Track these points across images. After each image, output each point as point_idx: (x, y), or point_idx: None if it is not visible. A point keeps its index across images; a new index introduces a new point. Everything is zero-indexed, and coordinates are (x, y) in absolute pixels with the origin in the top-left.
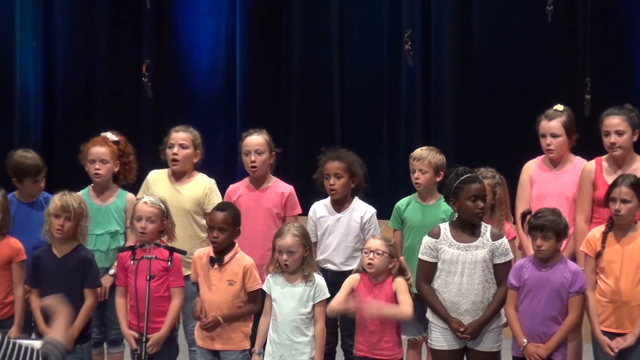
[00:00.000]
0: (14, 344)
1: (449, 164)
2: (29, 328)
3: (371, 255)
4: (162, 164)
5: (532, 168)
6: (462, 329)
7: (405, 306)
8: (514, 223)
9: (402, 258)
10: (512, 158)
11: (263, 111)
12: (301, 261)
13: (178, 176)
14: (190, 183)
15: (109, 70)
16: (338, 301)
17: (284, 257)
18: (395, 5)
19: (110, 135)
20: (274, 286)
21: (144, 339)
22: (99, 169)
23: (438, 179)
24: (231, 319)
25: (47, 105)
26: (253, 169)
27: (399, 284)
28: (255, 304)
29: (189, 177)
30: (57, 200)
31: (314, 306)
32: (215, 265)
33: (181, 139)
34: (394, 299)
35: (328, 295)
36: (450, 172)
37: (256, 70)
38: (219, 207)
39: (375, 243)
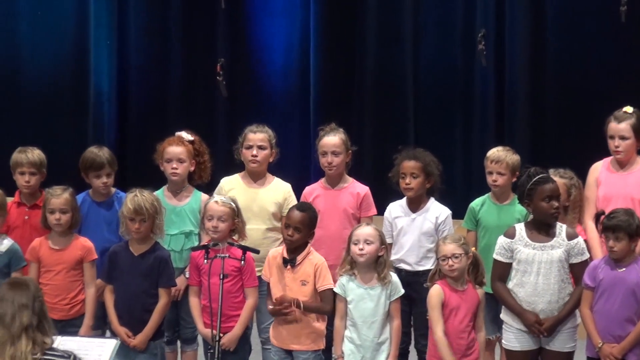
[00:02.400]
0: None
1: (523, 164)
2: (102, 325)
3: (450, 262)
4: (236, 163)
5: (598, 169)
6: (538, 324)
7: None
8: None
9: (473, 249)
10: (585, 158)
11: (337, 111)
12: (376, 260)
13: (255, 178)
14: (269, 186)
15: (183, 69)
16: (440, 326)
17: (361, 245)
18: (469, 5)
19: (186, 135)
20: (350, 289)
21: (217, 338)
22: (176, 168)
23: (514, 179)
24: (307, 309)
25: (120, 104)
26: (329, 169)
27: (483, 299)
28: (326, 304)
29: (265, 179)
30: (129, 203)
31: (390, 304)
32: (289, 266)
33: (259, 140)
34: (477, 308)
35: (402, 292)
36: (523, 173)
37: (330, 70)
38: (299, 207)
39: (449, 248)
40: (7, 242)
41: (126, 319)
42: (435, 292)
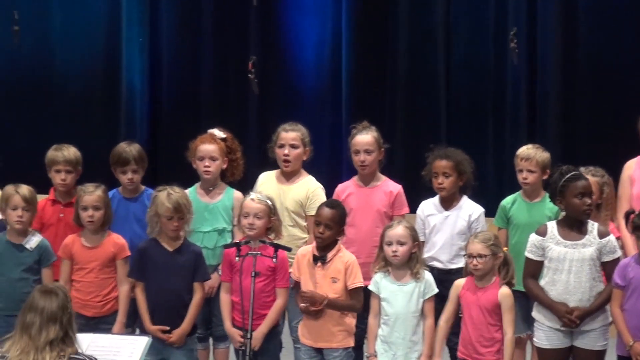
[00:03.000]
0: None
1: (554, 162)
2: (131, 323)
3: (474, 261)
4: (269, 161)
5: (632, 167)
6: (568, 313)
7: (507, 326)
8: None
9: (505, 249)
10: (617, 157)
11: (368, 108)
12: (409, 257)
13: (288, 176)
14: (297, 184)
15: (214, 66)
16: (446, 317)
17: (394, 247)
18: (500, 3)
19: (218, 132)
20: (383, 286)
21: (248, 336)
22: (208, 166)
23: (544, 177)
24: (334, 306)
25: (152, 101)
26: (362, 168)
27: (506, 299)
28: (356, 302)
29: (297, 178)
30: (166, 202)
31: (423, 302)
32: (319, 263)
33: (291, 139)
34: (496, 307)
35: (437, 290)
36: (554, 171)
37: (362, 67)
38: (329, 204)
39: (476, 247)
40: (36, 239)
41: (162, 315)
42: (455, 285)
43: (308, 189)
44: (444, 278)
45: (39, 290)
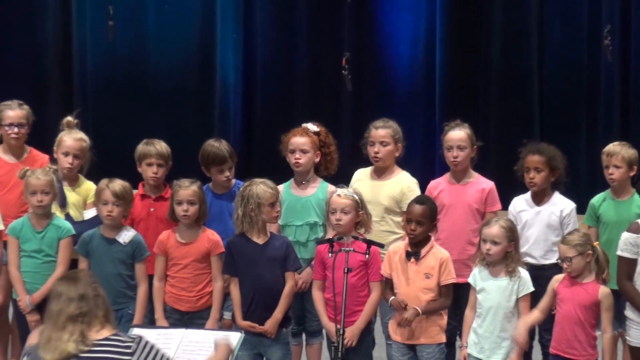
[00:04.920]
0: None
1: None
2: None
3: (565, 264)
4: (362, 158)
5: None
6: None
7: (607, 325)
8: None
9: (596, 244)
10: None
11: (462, 105)
12: (504, 255)
13: (380, 172)
14: (391, 180)
15: (308, 63)
16: (541, 307)
17: (487, 246)
18: (594, 0)
19: (311, 126)
20: (479, 279)
21: (341, 332)
22: (299, 159)
23: (632, 174)
24: (428, 311)
25: (246, 97)
26: (455, 164)
27: (606, 298)
28: (446, 298)
29: (390, 174)
30: (268, 189)
31: (517, 300)
32: (412, 259)
33: (381, 137)
34: (593, 304)
35: (532, 289)
36: None
37: (455, 64)
38: (418, 201)
39: (562, 250)
40: (130, 234)
41: (259, 309)
42: (553, 279)
43: (403, 185)
44: (538, 274)
45: (59, 279)
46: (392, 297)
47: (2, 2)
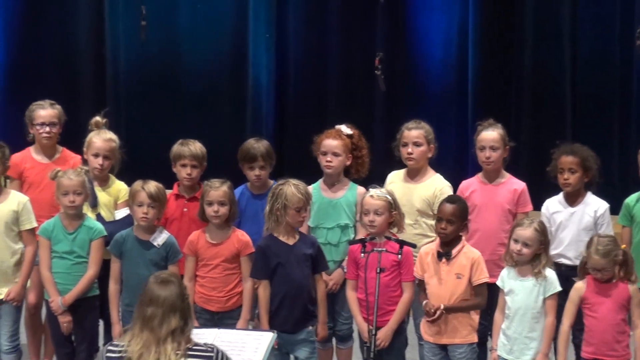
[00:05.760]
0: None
1: None
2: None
3: (599, 274)
4: (395, 159)
5: None
6: None
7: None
8: None
9: (624, 246)
10: None
11: (494, 106)
12: (533, 257)
13: (414, 174)
14: (424, 183)
15: (341, 62)
16: (570, 322)
17: (519, 247)
18: (627, 0)
19: (345, 129)
20: (507, 279)
21: (373, 332)
22: (330, 161)
23: None
24: (455, 310)
25: (279, 97)
26: (487, 164)
27: (637, 294)
28: (481, 298)
29: (423, 176)
30: (297, 193)
31: (544, 300)
32: (444, 259)
33: (414, 137)
34: (626, 302)
35: (559, 289)
36: None
37: (488, 65)
38: (449, 200)
39: (600, 263)
40: (164, 235)
41: (287, 309)
42: (577, 287)
43: (436, 188)
44: (572, 275)
45: (155, 281)
46: (426, 301)
47: (35, 2)
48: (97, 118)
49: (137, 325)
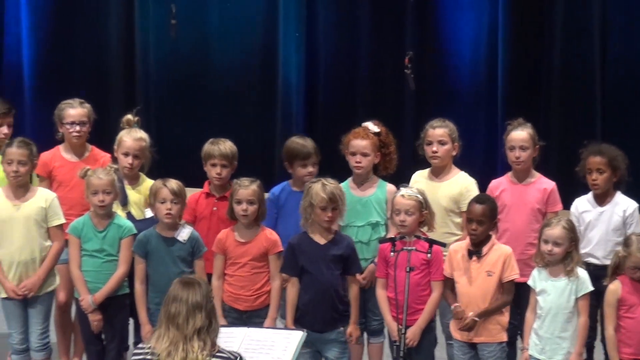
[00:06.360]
0: None
1: None
2: None
3: (638, 273)
4: (423, 157)
5: None
6: None
7: None
8: None
9: None
10: None
11: (524, 105)
12: (564, 255)
13: (439, 173)
14: (449, 181)
15: (371, 61)
16: (613, 325)
17: (549, 247)
18: None
19: (372, 127)
20: (539, 280)
21: (403, 331)
22: (359, 162)
23: None
24: (486, 314)
25: (309, 96)
26: (517, 164)
27: None
28: (508, 294)
29: (447, 174)
30: (321, 192)
31: (576, 300)
32: (474, 257)
33: (439, 136)
34: None
35: (591, 288)
36: None
37: (517, 64)
38: (478, 200)
39: (638, 261)
40: (187, 230)
41: (313, 309)
42: (612, 289)
43: (462, 185)
44: (600, 274)
45: (179, 282)
46: (455, 305)
47: (66, 1)
48: (129, 116)
49: (163, 324)
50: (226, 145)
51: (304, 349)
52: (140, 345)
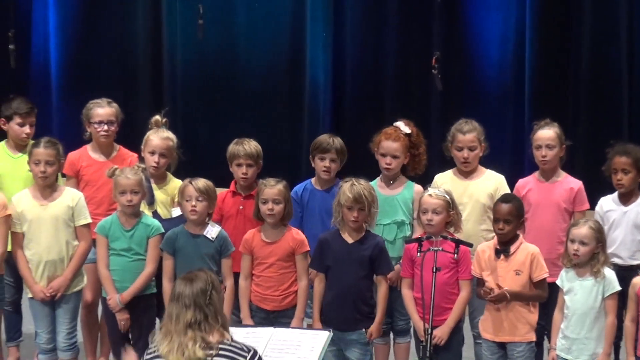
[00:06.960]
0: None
1: None
2: None
3: None
4: (448, 159)
5: None
6: None
7: None
8: None
9: None
10: None
11: (551, 105)
12: (591, 256)
13: (465, 173)
14: (481, 178)
15: (398, 62)
16: (631, 316)
17: (576, 246)
18: None
19: (403, 127)
20: (566, 280)
21: (429, 331)
22: (389, 164)
23: None
24: (518, 297)
25: (336, 96)
26: (543, 163)
27: None
28: (542, 290)
29: (476, 172)
30: (347, 192)
31: (603, 300)
32: (502, 256)
33: (469, 142)
34: None
35: (619, 288)
36: None
37: (545, 64)
38: (504, 199)
39: None
40: (216, 229)
41: (336, 308)
42: (633, 283)
43: (497, 181)
44: (625, 274)
45: (180, 278)
46: (486, 283)
47: (93, 1)
48: (157, 117)
49: (164, 323)
50: (251, 145)
51: (329, 347)
52: (150, 346)
